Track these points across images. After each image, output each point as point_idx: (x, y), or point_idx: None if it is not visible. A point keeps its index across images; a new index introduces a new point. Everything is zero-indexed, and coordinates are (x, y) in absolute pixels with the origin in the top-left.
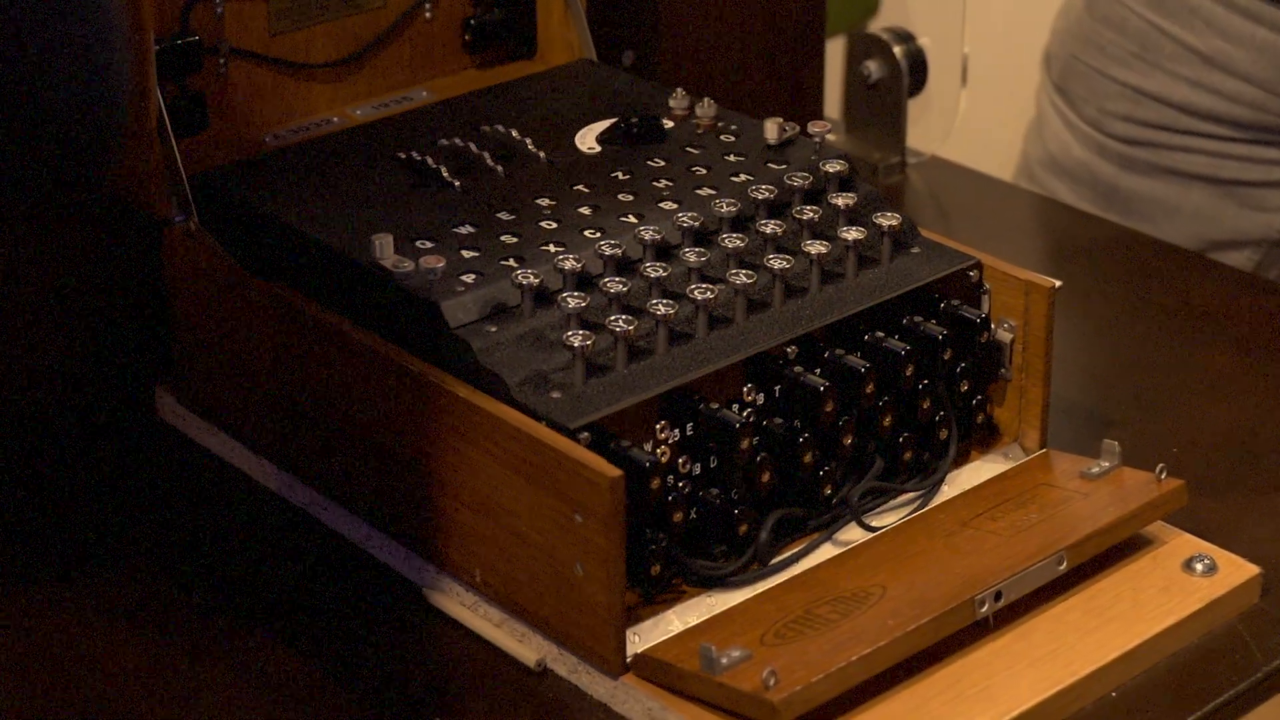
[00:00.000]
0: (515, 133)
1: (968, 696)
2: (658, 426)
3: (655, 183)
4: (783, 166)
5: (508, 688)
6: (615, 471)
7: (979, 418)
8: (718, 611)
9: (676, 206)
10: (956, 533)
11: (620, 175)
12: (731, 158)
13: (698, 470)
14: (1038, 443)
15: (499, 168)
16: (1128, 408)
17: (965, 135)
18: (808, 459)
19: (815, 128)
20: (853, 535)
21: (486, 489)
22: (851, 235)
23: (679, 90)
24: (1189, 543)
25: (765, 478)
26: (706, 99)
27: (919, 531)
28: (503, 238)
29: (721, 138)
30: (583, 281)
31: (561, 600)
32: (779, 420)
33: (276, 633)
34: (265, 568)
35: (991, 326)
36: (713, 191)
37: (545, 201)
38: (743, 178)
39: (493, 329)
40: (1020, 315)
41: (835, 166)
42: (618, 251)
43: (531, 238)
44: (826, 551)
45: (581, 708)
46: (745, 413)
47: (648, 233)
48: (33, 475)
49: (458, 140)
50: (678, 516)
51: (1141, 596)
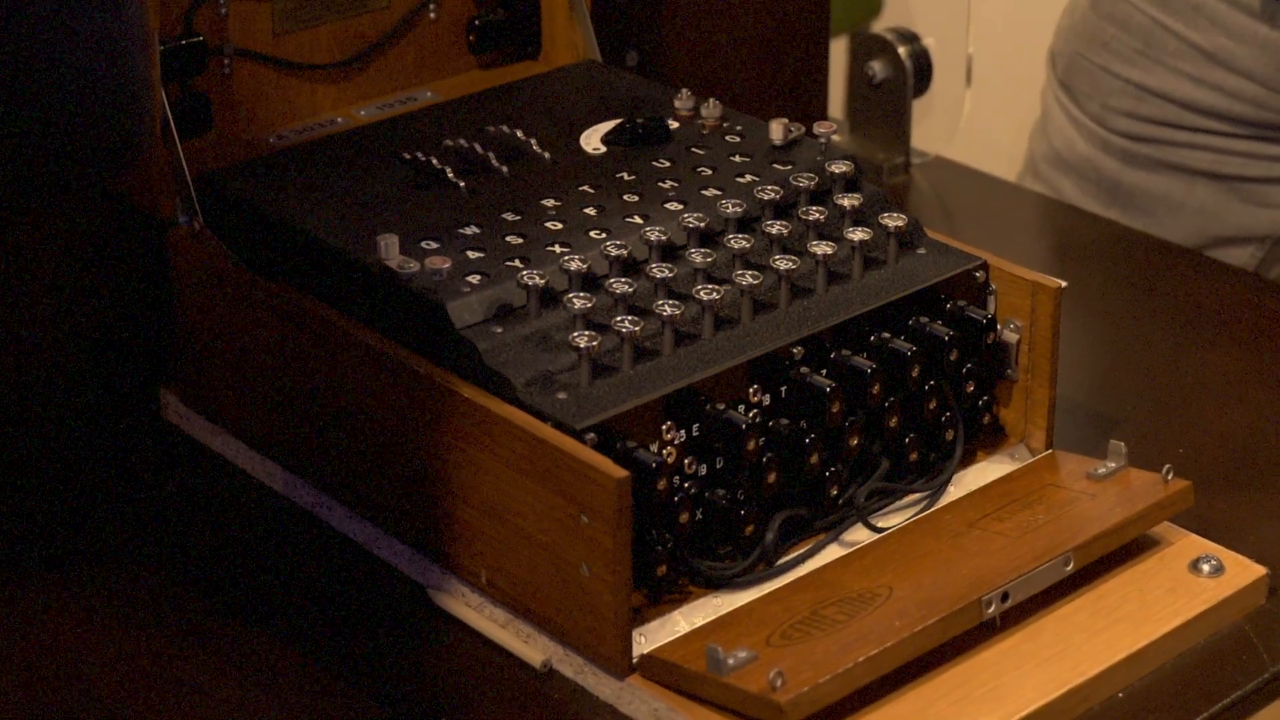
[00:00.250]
0: (520, 133)
1: (975, 697)
2: (664, 427)
3: (660, 183)
4: (788, 167)
5: (513, 688)
6: (621, 472)
7: (985, 418)
8: (724, 612)
9: (682, 207)
10: (963, 533)
11: (625, 176)
12: (737, 158)
13: (704, 471)
14: (1044, 443)
15: (504, 168)
16: (1133, 408)
17: (969, 135)
18: (814, 460)
19: (820, 128)
20: (859, 536)
21: (492, 490)
22: (857, 236)
23: (684, 91)
24: (1196, 543)
25: (771, 478)
26: (712, 99)
27: (926, 532)
28: (508, 238)
29: (727, 138)
30: (588, 282)
31: (567, 601)
32: (785, 421)
33: (282, 634)
34: (270, 569)
35: (997, 327)
36: (718, 192)
37: (550, 202)
38: (748, 178)
39: (498, 330)
40: (1026, 316)
41: (841, 167)
42: (623, 252)
43: (537, 238)
44: (833, 552)
45: (587, 709)
46: (751, 413)
47: (653, 233)
48: (37, 476)
49: (463, 141)
50: (684, 517)
51: (1148, 597)
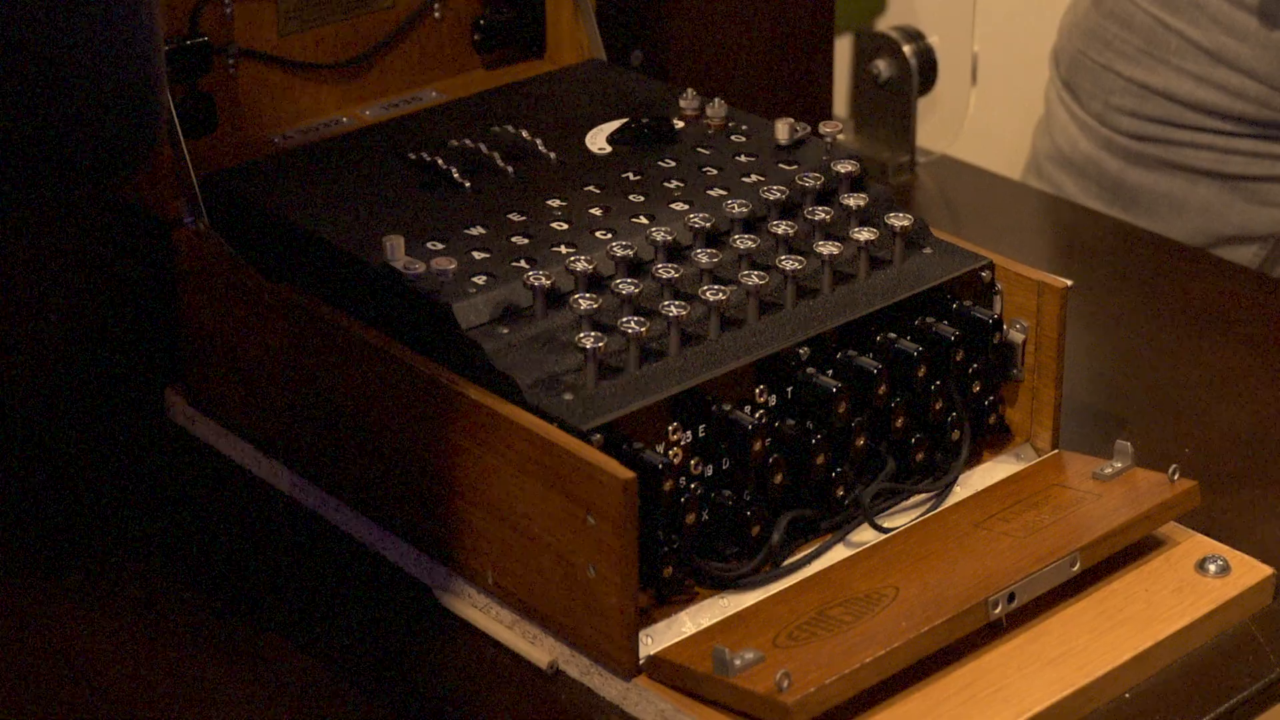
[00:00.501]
0: (525, 133)
1: (981, 698)
2: (670, 428)
3: (666, 183)
4: (794, 167)
5: (520, 689)
6: (628, 473)
7: (991, 418)
8: (730, 613)
9: (688, 207)
10: (969, 534)
11: (631, 176)
12: (742, 158)
13: (710, 472)
14: (1050, 443)
15: (509, 168)
16: (1138, 408)
17: (974, 134)
18: (820, 460)
19: (826, 128)
20: (865, 536)
21: (498, 491)
22: (863, 236)
23: (689, 90)
24: (1202, 544)
25: (777, 479)
26: (717, 99)
27: (932, 533)
28: (514, 239)
29: (732, 138)
30: (594, 283)
31: (574, 602)
32: (791, 421)
33: (287, 635)
34: (276, 570)
35: (1003, 327)
36: (724, 192)
37: (556, 202)
38: (754, 178)
39: (504, 330)
40: (1032, 315)
41: (846, 167)
42: (629, 253)
43: (543, 239)
44: (839, 553)
45: (594, 709)
46: (757, 414)
47: (659, 233)
48: (42, 478)
49: (468, 141)
50: (690, 518)
51: (1155, 597)
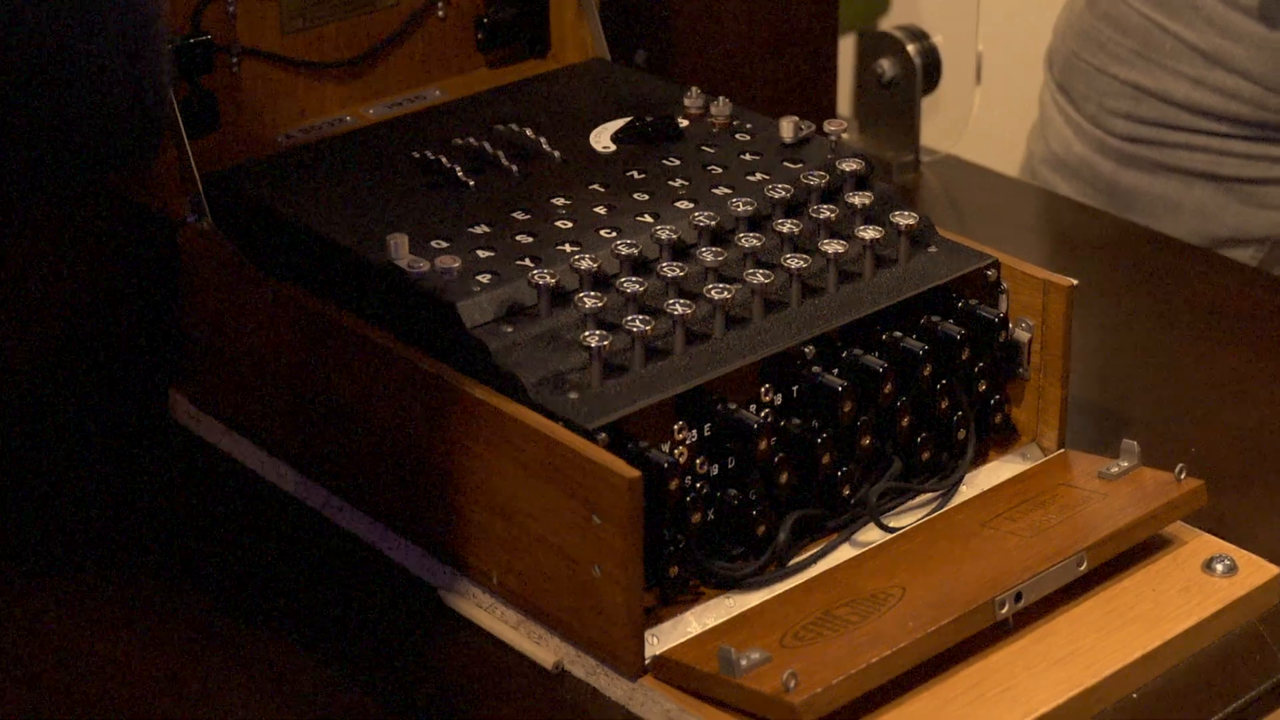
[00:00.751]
0: (530, 132)
1: (988, 698)
2: (675, 427)
3: (671, 182)
4: (799, 165)
5: (525, 689)
6: (634, 472)
7: (997, 418)
8: (736, 613)
9: (693, 205)
10: (976, 533)
11: (636, 174)
12: (747, 156)
13: (715, 471)
14: (1056, 443)
15: (514, 167)
16: (1144, 407)
17: (979, 133)
18: (826, 459)
19: (831, 126)
20: (871, 536)
21: (503, 490)
22: (869, 234)
23: (694, 89)
24: (1209, 543)
25: (783, 478)
26: (721, 98)
27: (938, 532)
28: (518, 237)
29: (737, 136)
30: (599, 281)
31: (579, 602)
32: (797, 420)
33: (292, 635)
34: (280, 570)
35: (1009, 326)
36: (729, 190)
37: (560, 201)
38: (759, 176)
39: (509, 329)
40: (1038, 314)
41: (852, 165)
42: (634, 251)
43: (547, 237)
44: (845, 552)
45: (599, 710)
46: (763, 413)
47: (664, 232)
48: (46, 477)
49: (472, 139)
50: (696, 517)
51: (1162, 597)
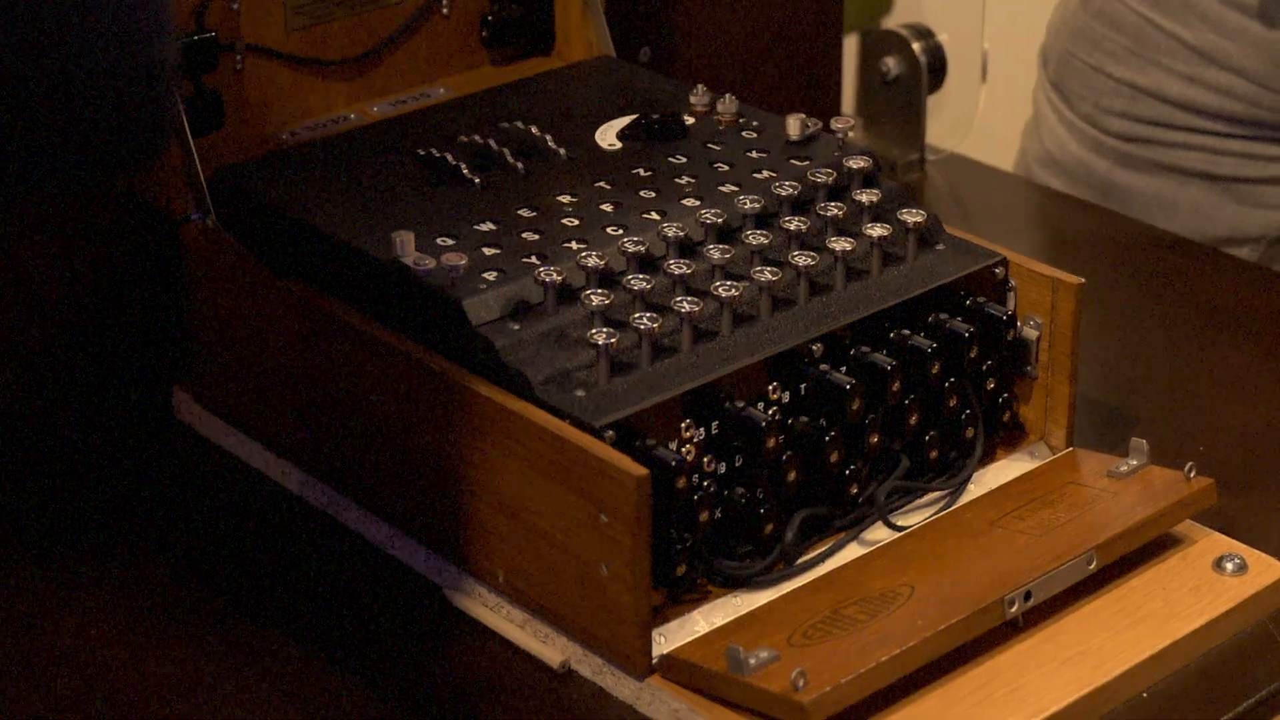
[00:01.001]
0: (535, 129)
1: (998, 697)
2: (682, 425)
3: (677, 179)
4: (805, 163)
5: (531, 689)
6: (641, 470)
7: (1005, 416)
8: (744, 612)
9: (699, 203)
10: (984, 532)
11: (642, 172)
12: (754, 154)
13: (723, 469)
14: (1064, 441)
15: (519, 164)
16: (1151, 406)
17: (984, 131)
18: (833, 458)
19: (838, 124)
20: (879, 535)
21: (510, 488)
22: (876, 232)
23: (700, 86)
24: (1218, 542)
25: (791, 477)
26: (728, 95)
27: (946, 531)
28: (524, 235)
29: (743, 134)
30: (606, 279)
31: (586, 601)
32: (804, 419)
33: (296, 635)
34: (285, 570)
35: (1017, 324)
36: (736, 188)
37: (566, 198)
38: (765, 174)
39: (515, 327)
40: (1046, 312)
41: (859, 163)
42: (641, 248)
43: (554, 235)
44: (853, 551)
45: (606, 709)
46: (771, 411)
47: (671, 229)
48: (49, 476)
49: (477, 137)
50: (703, 516)
51: (1172, 596)
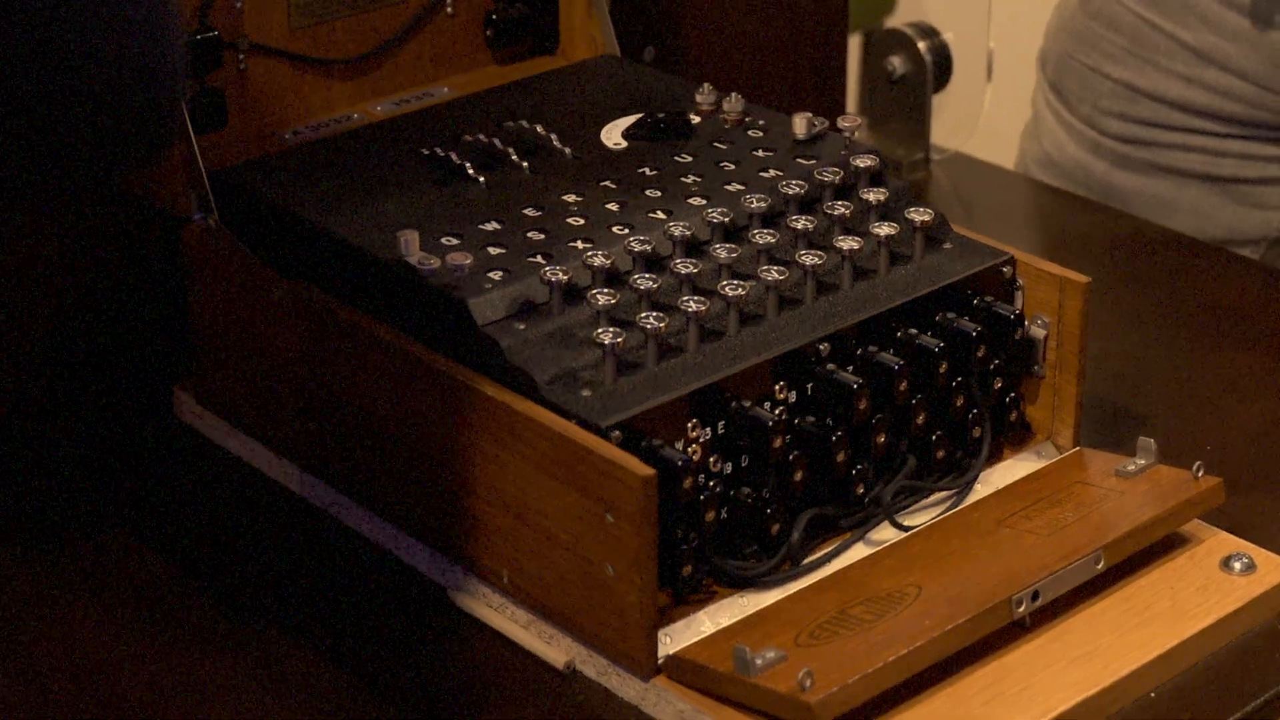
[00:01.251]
0: (540, 128)
1: (1006, 697)
2: (689, 425)
3: (683, 178)
4: (812, 162)
5: (536, 690)
6: (648, 470)
7: (1012, 415)
8: (750, 612)
9: (705, 202)
10: (992, 532)
11: (647, 171)
12: (760, 153)
13: (729, 469)
14: (1071, 440)
15: (524, 164)
16: (1158, 405)
17: (989, 130)
18: (840, 457)
19: (845, 123)
20: (885, 535)
21: (515, 489)
22: (883, 231)
23: (706, 85)
24: (1226, 541)
25: (797, 476)
26: (734, 94)
27: (953, 531)
28: (530, 234)
29: (749, 133)
30: (611, 278)
31: (591, 601)
32: (811, 418)
33: (299, 636)
34: (287, 570)
35: (1025, 323)
36: (742, 187)
37: (572, 198)
38: (772, 173)
39: (521, 326)
40: (1054, 311)
41: (866, 161)
42: (647, 248)
43: (559, 234)
44: (859, 551)
45: (611, 710)
46: (777, 411)
47: (677, 229)
48: (50, 477)
49: (482, 136)
50: (709, 516)
51: (1180, 596)
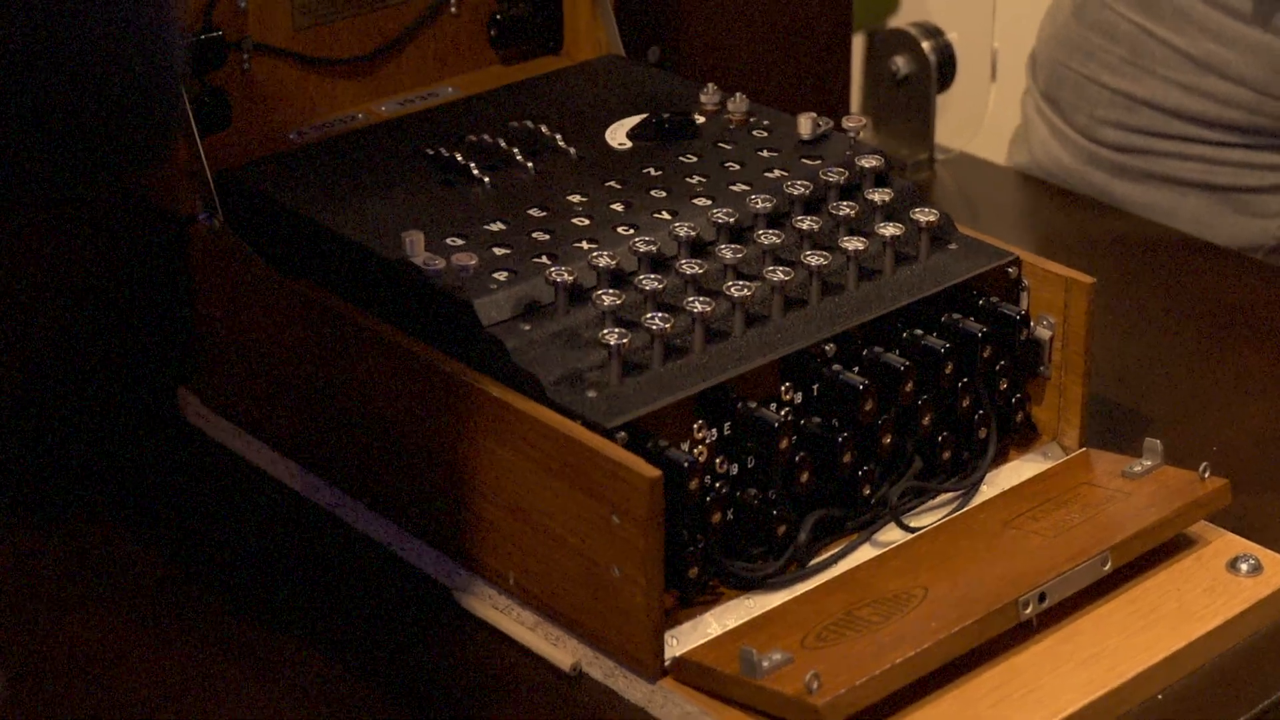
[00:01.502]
0: (545, 128)
1: (1014, 699)
2: (695, 426)
3: (688, 179)
4: (817, 162)
5: (542, 692)
6: (654, 472)
7: (1018, 416)
8: (757, 614)
9: (710, 202)
10: (998, 533)
11: (652, 171)
12: (765, 153)
13: (735, 470)
14: (1077, 441)
15: (529, 164)
16: (1163, 406)
17: (994, 130)
18: (846, 458)
19: (850, 123)
20: (892, 536)
21: (521, 490)
22: (889, 231)
23: (710, 85)
24: (1233, 542)
25: (803, 478)
26: (738, 94)
27: (960, 532)
28: (535, 234)
29: (754, 133)
30: (617, 279)
31: (598, 603)
32: (817, 419)
33: (304, 637)
34: (292, 572)
35: (1030, 323)
36: (747, 187)
37: (577, 198)
38: (777, 173)
39: (526, 327)
40: (1059, 312)
41: (871, 162)
42: (652, 248)
43: (564, 234)
44: (866, 553)
45: (618, 712)
46: (783, 412)
47: (682, 229)
48: (55, 478)
49: (486, 136)
50: (716, 517)
51: (1186, 597)
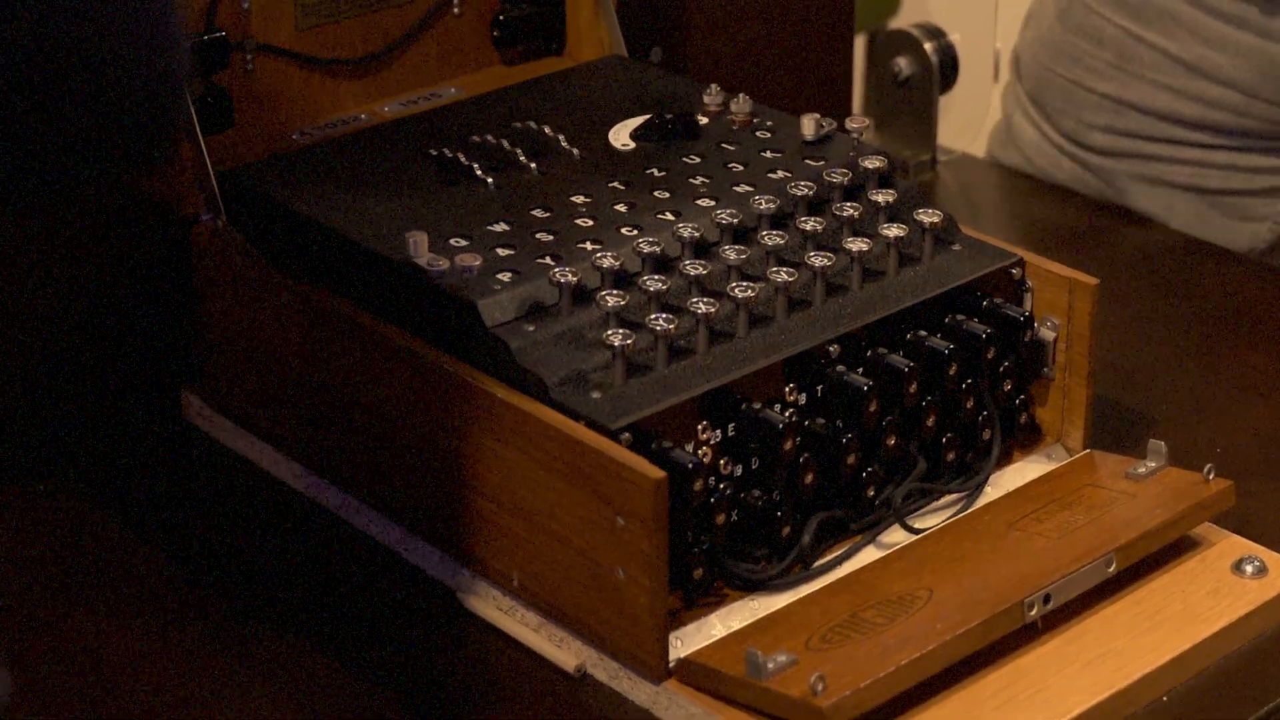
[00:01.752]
0: (548, 129)
1: (1019, 701)
2: (699, 427)
3: (692, 179)
4: (820, 163)
5: (546, 694)
6: (659, 473)
7: (1022, 418)
8: (761, 615)
9: (714, 203)
10: (1003, 535)
11: (656, 172)
12: (768, 154)
13: (739, 472)
14: (1081, 443)
15: (533, 165)
16: (1168, 407)
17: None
18: (850, 460)
19: (853, 124)
20: (896, 537)
21: (525, 491)
22: (893, 232)
23: (713, 86)
24: (1238, 544)
25: (808, 479)
26: (741, 94)
27: (964, 533)
28: (539, 235)
29: (757, 134)
30: (621, 279)
31: (602, 604)
32: (821, 420)
33: (308, 638)
34: (295, 572)
35: (1034, 325)
36: (750, 188)
37: (580, 199)
38: (780, 174)
39: (530, 328)
40: (1063, 313)
41: (875, 163)
42: (656, 249)
43: (568, 235)
44: (870, 554)
45: (623, 714)
46: (787, 413)
47: (686, 230)
48: (58, 477)
49: (489, 137)
50: (720, 519)
51: (1192, 599)
